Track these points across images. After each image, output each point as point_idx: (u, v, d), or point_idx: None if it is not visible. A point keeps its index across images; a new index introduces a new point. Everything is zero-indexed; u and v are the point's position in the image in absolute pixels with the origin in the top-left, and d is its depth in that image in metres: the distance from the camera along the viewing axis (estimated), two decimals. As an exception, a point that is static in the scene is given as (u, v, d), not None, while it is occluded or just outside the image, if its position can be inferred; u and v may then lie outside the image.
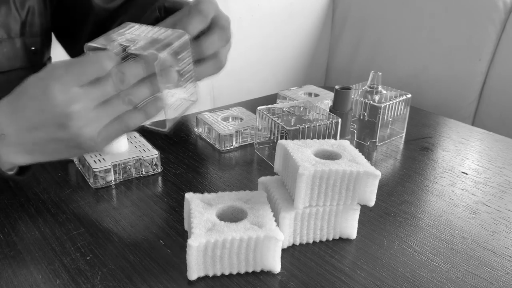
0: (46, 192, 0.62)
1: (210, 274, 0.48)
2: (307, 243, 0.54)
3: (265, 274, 0.48)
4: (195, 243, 0.45)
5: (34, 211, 0.58)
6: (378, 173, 0.50)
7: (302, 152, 0.52)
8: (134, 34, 0.55)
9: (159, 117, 0.56)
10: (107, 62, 0.48)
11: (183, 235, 0.54)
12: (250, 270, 0.48)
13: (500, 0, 1.21)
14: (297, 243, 0.53)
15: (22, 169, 0.55)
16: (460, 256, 0.53)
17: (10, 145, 0.50)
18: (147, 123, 0.54)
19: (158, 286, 0.46)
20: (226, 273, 0.48)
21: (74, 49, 0.79)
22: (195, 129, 0.82)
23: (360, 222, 0.55)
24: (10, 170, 0.54)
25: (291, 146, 0.54)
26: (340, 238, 0.55)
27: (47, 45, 0.74)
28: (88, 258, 0.50)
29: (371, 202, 0.52)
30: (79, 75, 0.48)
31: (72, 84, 0.48)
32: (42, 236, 0.53)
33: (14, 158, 0.51)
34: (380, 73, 0.81)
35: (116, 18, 0.75)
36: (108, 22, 0.75)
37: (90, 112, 0.48)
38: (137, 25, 0.57)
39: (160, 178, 0.66)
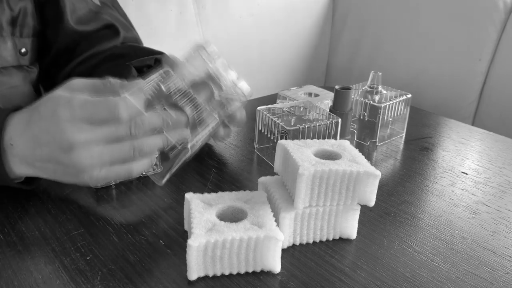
0: (46, 192, 0.62)
1: (210, 274, 0.48)
2: (307, 243, 0.54)
3: (265, 274, 0.48)
4: (195, 243, 0.45)
5: (34, 211, 0.58)
6: (378, 173, 0.50)
7: (302, 152, 0.52)
8: (170, 88, 0.54)
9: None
10: (123, 112, 0.48)
11: (183, 235, 0.54)
12: (250, 270, 0.48)
13: (500, 0, 1.21)
14: (297, 243, 0.53)
15: (29, 180, 0.57)
16: (460, 256, 0.53)
17: (15, 155, 0.52)
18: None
19: (158, 286, 0.46)
20: (226, 273, 0.48)
21: (44, 60, 0.79)
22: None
23: (360, 222, 0.55)
24: (16, 179, 0.55)
25: (291, 146, 0.54)
26: (340, 238, 0.55)
27: (37, 48, 0.74)
28: (88, 258, 0.50)
29: (371, 202, 0.52)
30: (91, 114, 0.48)
31: (82, 120, 0.48)
32: (42, 236, 0.53)
33: (18, 168, 0.53)
34: (380, 73, 0.81)
35: (89, 46, 0.76)
36: (79, 47, 0.75)
37: (95, 147, 0.48)
38: (173, 76, 0.55)
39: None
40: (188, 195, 0.52)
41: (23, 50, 0.69)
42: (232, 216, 0.50)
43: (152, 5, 1.19)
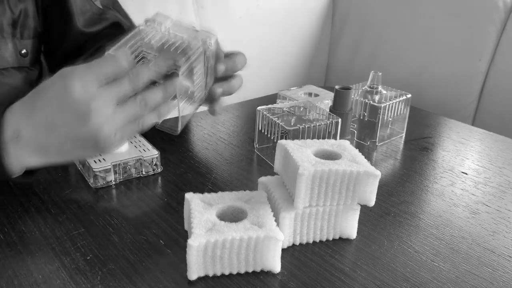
0: (46, 192, 0.62)
1: (210, 274, 0.48)
2: (307, 243, 0.54)
3: (265, 274, 0.48)
4: (195, 243, 0.45)
5: (34, 211, 0.58)
6: (378, 173, 0.50)
7: (302, 152, 0.52)
8: (151, 40, 0.57)
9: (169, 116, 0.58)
10: (124, 61, 0.51)
11: (183, 235, 0.54)
12: (250, 270, 0.48)
13: (500, 0, 1.21)
14: (297, 243, 0.53)
15: (28, 171, 0.56)
16: (460, 256, 0.53)
17: (24, 146, 0.51)
18: (158, 122, 0.57)
19: (158, 286, 0.46)
20: (226, 273, 0.48)
21: (51, 62, 0.80)
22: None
23: (360, 222, 0.55)
24: (17, 174, 0.54)
25: (291, 146, 0.54)
26: (340, 238, 0.55)
27: (38, 49, 0.74)
28: (88, 258, 0.50)
29: (371, 202, 0.52)
30: (98, 74, 0.50)
31: (92, 83, 0.49)
32: (42, 236, 0.53)
33: (28, 159, 0.52)
34: (380, 73, 0.81)
35: (95, 43, 0.76)
36: (86, 45, 0.76)
37: (109, 110, 0.50)
38: (152, 32, 0.58)
39: (160, 178, 0.66)
40: (188, 195, 0.52)
41: (23, 51, 0.69)
42: (232, 216, 0.50)
43: (152, 5, 1.19)
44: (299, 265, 0.50)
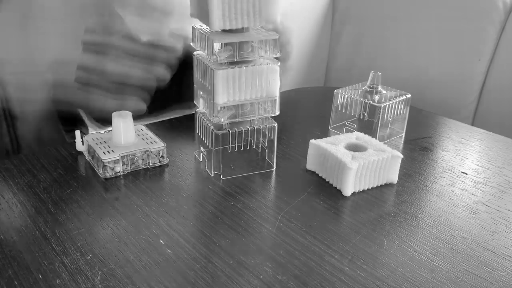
0: (46, 192, 0.62)
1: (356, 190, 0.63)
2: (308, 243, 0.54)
3: (265, 273, 0.49)
4: (354, 166, 0.60)
5: (34, 211, 0.58)
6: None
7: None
8: None
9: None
10: None
11: (183, 235, 0.54)
12: (379, 184, 0.65)
13: (500, 0, 1.21)
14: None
15: None
16: (460, 256, 0.53)
17: None
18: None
19: (158, 286, 0.47)
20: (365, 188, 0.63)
21: None
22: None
23: (360, 222, 0.55)
24: None
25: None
26: (341, 237, 0.55)
27: None
28: (88, 258, 0.50)
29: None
30: None
31: None
32: (42, 236, 0.53)
33: None
34: (380, 73, 0.81)
35: None
36: None
37: None
38: None
39: (164, 174, 0.66)
40: (313, 140, 0.66)
41: None
42: (355, 149, 0.65)
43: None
44: (299, 265, 0.50)
